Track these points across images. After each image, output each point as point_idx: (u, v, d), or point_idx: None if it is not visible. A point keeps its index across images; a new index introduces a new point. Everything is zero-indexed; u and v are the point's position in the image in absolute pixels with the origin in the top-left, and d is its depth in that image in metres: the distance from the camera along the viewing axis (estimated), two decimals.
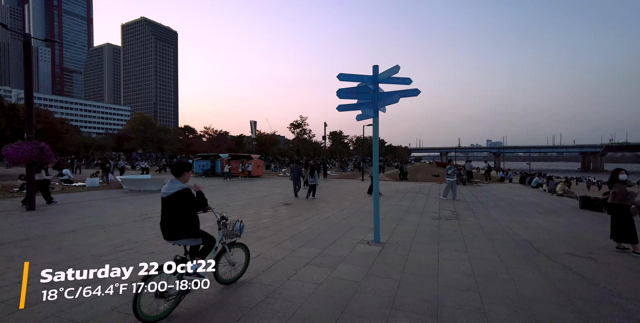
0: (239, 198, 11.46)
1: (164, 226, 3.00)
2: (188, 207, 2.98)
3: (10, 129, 20.96)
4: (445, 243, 5.41)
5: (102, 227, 6.60)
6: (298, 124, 31.76)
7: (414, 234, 6.05)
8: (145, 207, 9.39)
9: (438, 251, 4.93)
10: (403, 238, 5.74)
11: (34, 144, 8.41)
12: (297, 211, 8.67)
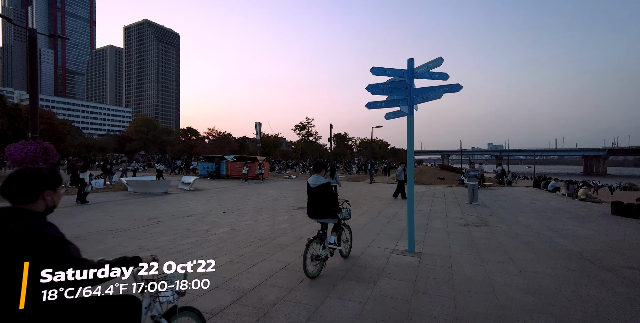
0: (249, 201, 11.03)
1: (313, 208, 4.06)
2: (330, 195, 3.95)
3: (12, 130, 20.60)
4: (485, 253, 4.97)
5: (110, 232, 6.17)
6: (303, 125, 31.28)
7: (448, 243, 5.61)
8: (153, 210, 8.96)
9: (482, 263, 4.49)
10: (437, 247, 5.30)
11: (38, 144, 8.03)
12: None
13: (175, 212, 8.64)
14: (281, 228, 6.70)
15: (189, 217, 8.00)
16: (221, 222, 7.36)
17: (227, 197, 12.38)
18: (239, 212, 8.67)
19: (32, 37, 7.77)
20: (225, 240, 5.67)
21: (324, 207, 3.95)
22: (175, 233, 6.19)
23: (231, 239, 5.73)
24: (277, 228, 6.63)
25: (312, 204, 4.03)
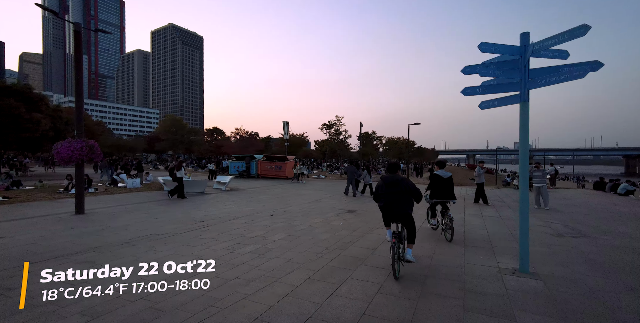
0: (291, 202, 10.38)
1: (447, 193, 5.66)
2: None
3: (54, 130, 21.24)
4: (623, 275, 3.96)
5: (160, 238, 5.66)
6: (331, 124, 30.44)
7: (558, 259, 4.62)
8: (196, 211, 8.49)
9: (628, 290, 3.50)
10: (550, 266, 4.33)
11: (84, 142, 7.74)
12: (370, 220, 7.43)
13: (219, 214, 8.11)
14: (342, 235, 5.93)
15: (236, 219, 7.44)
16: (273, 226, 6.71)
17: (266, 197, 11.82)
18: (287, 215, 8.01)
19: (77, 31, 7.46)
20: (288, 248, 4.98)
21: (453, 191, 5.79)
22: (229, 239, 5.59)
23: (294, 248, 5.03)
24: (339, 236, 5.87)
25: (447, 190, 5.73)
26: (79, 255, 4.64)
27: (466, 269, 4.13)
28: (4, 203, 9.26)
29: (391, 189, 3.98)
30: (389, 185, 4.01)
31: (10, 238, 5.54)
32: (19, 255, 4.60)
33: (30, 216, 7.50)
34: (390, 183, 4.00)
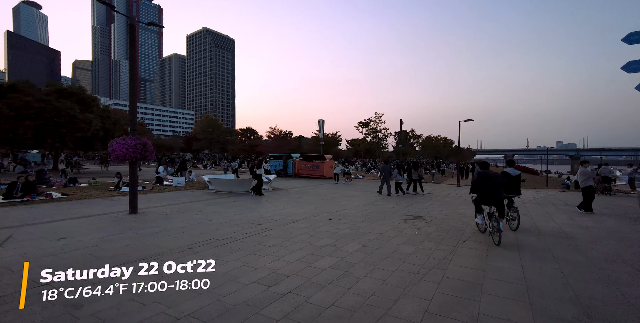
0: (344, 205, 9.60)
1: (514, 188, 6.35)
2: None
3: (103, 130, 22.22)
4: None
5: (222, 243, 5.11)
6: (367, 122, 29.27)
7: None
8: (249, 213, 7.97)
9: None
10: None
11: (137, 139, 7.47)
12: (449, 230, 6.44)
13: (274, 216, 7.52)
14: (429, 249, 5.01)
15: (294, 223, 6.78)
16: (339, 232, 5.96)
17: (313, 198, 11.14)
18: (347, 220, 7.23)
19: (132, 25, 7.18)
20: (373, 265, 4.18)
21: (519, 189, 6.46)
22: (299, 247, 4.90)
23: (380, 264, 4.22)
24: (426, 250, 4.97)
25: (513, 186, 6.31)
26: (141, 263, 4.16)
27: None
28: (63, 200, 9.39)
29: (486, 181, 5.50)
30: (484, 179, 5.54)
31: (73, 239, 5.26)
32: (83, 260, 4.22)
33: (89, 215, 7.37)
34: (485, 177, 5.54)
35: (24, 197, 9.13)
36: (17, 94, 19.10)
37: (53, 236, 5.45)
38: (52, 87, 21.84)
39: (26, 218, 6.86)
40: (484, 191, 5.52)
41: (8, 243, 4.99)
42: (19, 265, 4.02)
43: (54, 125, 19.43)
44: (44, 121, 19.03)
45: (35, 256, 4.40)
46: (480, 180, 5.55)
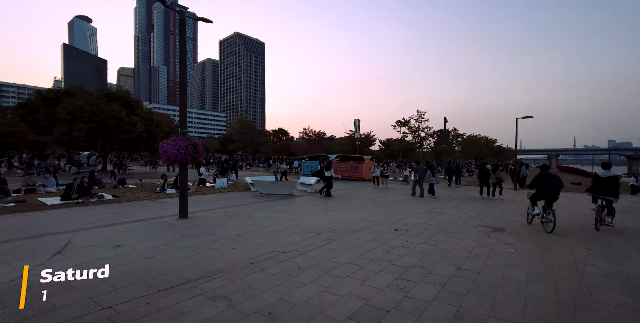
0: (402, 212, 8.69)
1: (610, 191, 6.44)
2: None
3: (147, 132, 22.99)
4: None
5: (287, 258, 4.47)
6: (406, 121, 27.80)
7: None
8: (301, 219, 7.35)
9: None
10: None
11: (188, 140, 7.13)
12: (552, 247, 5.36)
13: (329, 223, 6.83)
14: (546, 275, 4.02)
15: (356, 233, 6.03)
16: (417, 248, 5.10)
17: (362, 203, 10.33)
18: (417, 232, 6.34)
19: (182, 20, 6.84)
20: (491, 299, 3.29)
21: (618, 190, 6.53)
22: (380, 267, 4.13)
23: (497, 297, 3.33)
24: (543, 276, 3.98)
25: (611, 188, 6.51)
26: (207, 282, 3.62)
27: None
28: (114, 202, 9.39)
29: (546, 180, 6.52)
30: (544, 177, 6.57)
31: (129, 247, 4.90)
32: (144, 275, 3.75)
33: (140, 219, 7.13)
34: (545, 177, 6.56)
35: (79, 198, 9.24)
36: (72, 98, 20.24)
37: (109, 243, 5.15)
38: (101, 91, 22.99)
39: (82, 221, 6.73)
40: (543, 188, 6.52)
41: (67, 251, 4.72)
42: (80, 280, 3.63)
43: (103, 128, 20.36)
44: (94, 124, 19.98)
45: (92, 267, 4.02)
46: (541, 179, 6.60)
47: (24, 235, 5.56)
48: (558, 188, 6.41)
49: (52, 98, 20.70)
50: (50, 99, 20.76)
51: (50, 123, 20.02)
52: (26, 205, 8.37)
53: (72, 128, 19.35)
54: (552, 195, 6.40)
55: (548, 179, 6.48)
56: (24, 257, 4.40)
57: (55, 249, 4.77)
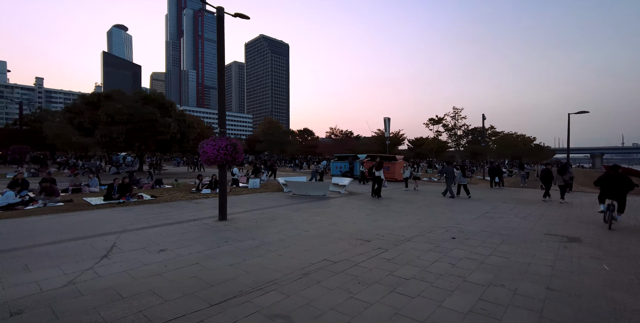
0: (454, 217, 8.00)
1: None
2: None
3: (180, 133, 23.62)
4: None
5: (342, 269, 4.04)
6: (439, 118, 26.41)
7: None
8: (343, 223, 6.90)
9: None
10: None
11: (227, 140, 6.91)
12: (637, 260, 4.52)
13: (375, 229, 6.32)
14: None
15: (409, 242, 5.48)
16: (486, 261, 4.48)
17: (404, 206, 9.69)
18: (476, 240, 5.68)
19: (220, 16, 6.64)
20: None
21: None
22: (451, 285, 3.58)
23: None
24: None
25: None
26: (260, 295, 3.26)
27: None
28: (153, 202, 9.46)
29: (610, 179, 6.85)
30: (610, 177, 6.89)
31: (173, 252, 4.69)
32: (192, 285, 3.47)
33: (180, 220, 7.02)
34: (612, 177, 6.88)
35: (120, 198, 9.39)
36: (112, 101, 21.18)
37: (153, 247, 4.98)
38: (138, 94, 23.91)
39: (125, 222, 6.72)
40: (609, 188, 6.82)
41: (113, 254, 4.59)
42: (128, 288, 3.41)
43: (139, 129, 21.12)
44: (132, 125, 20.77)
45: (140, 274, 3.81)
46: (608, 179, 6.89)
47: (72, 236, 5.56)
48: (622, 189, 6.62)
49: (95, 102, 21.79)
50: (93, 103, 21.87)
51: (93, 125, 21.08)
52: (73, 205, 8.60)
53: (112, 130, 20.23)
54: (616, 195, 6.68)
55: (611, 179, 6.77)
56: (73, 259, 4.31)
57: (102, 252, 4.66)
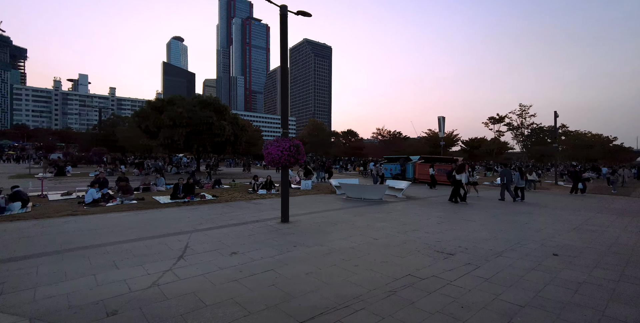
0: (536, 227, 6.94)
1: None
2: None
3: (234, 135, 24.67)
4: None
5: (434, 289, 3.51)
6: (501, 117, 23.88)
7: None
8: (412, 231, 6.29)
9: None
10: None
11: (290, 141, 6.73)
12: None
13: (453, 240, 5.62)
14: None
15: (500, 257, 4.72)
16: (615, 288, 3.60)
17: (473, 212, 8.73)
18: (587, 259, 4.72)
19: (283, 14, 6.41)
20: None
21: None
22: (584, 316, 2.85)
23: None
24: None
25: None
26: (350, 314, 2.89)
27: None
28: (215, 202, 9.73)
29: None
30: None
31: (244, 256, 4.56)
32: (273, 295, 3.21)
33: (244, 221, 7.02)
34: None
35: (185, 197, 9.81)
36: (173, 106, 22.83)
37: (224, 249, 4.92)
38: (196, 99, 25.51)
39: (193, 222, 6.88)
40: None
41: (188, 255, 4.59)
42: (209, 294, 3.27)
43: (197, 132, 22.45)
44: (191, 128, 22.16)
45: (218, 280, 3.69)
46: None
47: (149, 234, 5.77)
48: None
49: (159, 107, 23.69)
50: (157, 108, 23.80)
51: (157, 129, 22.91)
52: (145, 203, 9.16)
53: (174, 132, 21.77)
54: None
55: None
56: (153, 259, 4.37)
57: (177, 253, 4.70)
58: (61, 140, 61.18)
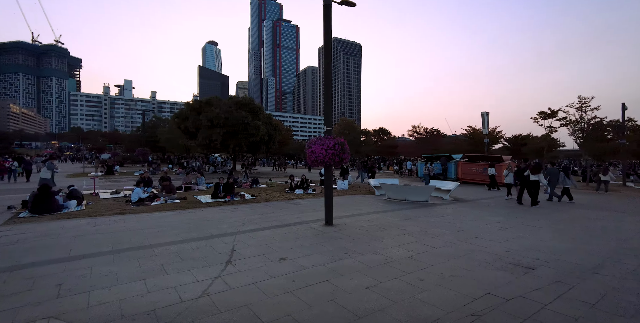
0: (630, 239, 5.91)
1: None
2: None
3: (267, 134, 24.86)
4: None
5: (519, 311, 2.89)
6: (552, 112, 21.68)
7: None
8: (472, 238, 5.60)
9: None
10: None
11: (335, 139, 6.32)
12: None
13: (528, 251, 4.86)
14: None
15: (596, 274, 3.94)
16: None
17: (533, 218, 7.73)
18: None
19: (327, 5, 5.96)
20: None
21: None
22: None
23: None
24: None
25: None
26: None
27: None
28: (254, 201, 9.60)
29: None
30: None
31: (293, 262, 4.21)
32: (335, 318, 2.80)
33: (286, 223, 6.73)
34: None
35: (225, 196, 9.80)
36: (211, 107, 23.46)
37: (271, 254, 4.62)
38: (232, 100, 26.05)
39: (236, 223, 6.72)
40: None
41: (235, 260, 4.34)
42: (264, 309, 2.94)
43: (233, 132, 22.87)
44: (227, 129, 22.61)
45: (270, 290, 3.36)
46: None
47: (194, 235, 5.65)
48: None
49: (197, 108, 24.47)
50: (195, 109, 24.60)
51: (196, 129, 23.68)
52: (188, 202, 9.25)
53: (212, 133, 22.35)
54: None
55: None
56: (200, 263, 4.17)
57: (224, 257, 4.47)
58: (110, 141, 66.20)
